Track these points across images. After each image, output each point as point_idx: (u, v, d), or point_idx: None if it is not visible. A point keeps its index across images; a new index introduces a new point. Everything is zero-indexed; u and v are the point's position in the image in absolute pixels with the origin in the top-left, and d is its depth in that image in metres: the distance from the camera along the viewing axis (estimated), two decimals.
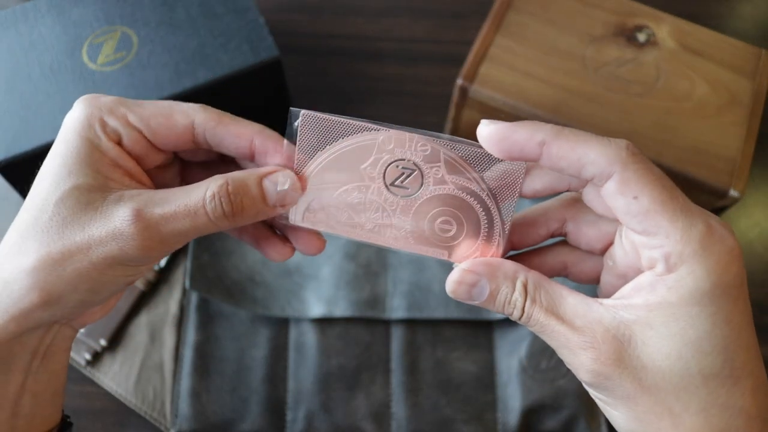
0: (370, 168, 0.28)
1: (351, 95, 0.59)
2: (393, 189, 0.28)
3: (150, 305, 0.48)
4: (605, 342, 0.24)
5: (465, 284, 0.26)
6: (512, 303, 0.26)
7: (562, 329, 0.25)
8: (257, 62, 0.47)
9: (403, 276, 0.48)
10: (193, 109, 0.28)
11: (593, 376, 0.24)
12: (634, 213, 0.24)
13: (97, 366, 0.46)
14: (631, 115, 0.47)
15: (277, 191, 0.27)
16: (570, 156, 0.24)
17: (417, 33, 0.62)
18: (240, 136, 0.28)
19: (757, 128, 0.47)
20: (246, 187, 0.27)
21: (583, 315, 0.25)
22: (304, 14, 0.63)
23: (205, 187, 0.26)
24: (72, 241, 0.25)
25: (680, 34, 0.50)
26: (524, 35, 0.50)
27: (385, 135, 0.27)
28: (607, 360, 0.24)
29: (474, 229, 0.28)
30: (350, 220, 0.29)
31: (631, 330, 0.24)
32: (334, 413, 0.45)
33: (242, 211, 0.27)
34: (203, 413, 0.44)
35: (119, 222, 0.25)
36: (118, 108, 0.28)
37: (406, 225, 0.28)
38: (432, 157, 0.27)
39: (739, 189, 0.45)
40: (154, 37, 0.48)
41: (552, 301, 0.25)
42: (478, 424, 0.45)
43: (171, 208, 0.26)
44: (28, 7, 0.49)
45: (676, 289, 0.23)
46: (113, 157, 0.27)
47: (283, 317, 0.47)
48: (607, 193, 0.24)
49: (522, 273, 0.26)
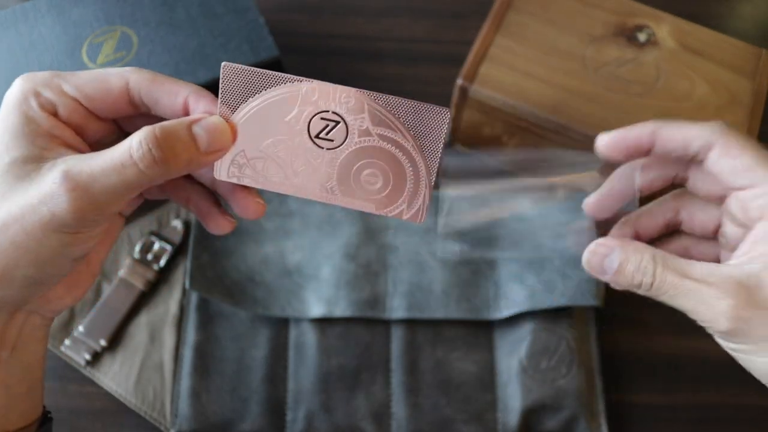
0: (294, 120, 0.27)
1: None
2: (318, 141, 0.28)
3: (150, 305, 0.48)
4: (740, 291, 0.26)
5: (599, 254, 0.29)
6: (641, 270, 0.28)
7: (697, 286, 0.27)
8: (257, 62, 0.47)
9: (403, 276, 0.48)
10: (127, 71, 0.28)
11: (733, 322, 0.26)
12: (738, 170, 0.28)
13: (97, 366, 0.46)
14: (631, 115, 0.47)
15: (207, 135, 0.27)
16: (677, 136, 0.29)
17: (417, 33, 0.62)
18: (173, 93, 0.28)
19: (757, 128, 0.47)
20: (175, 132, 0.26)
21: (712, 273, 0.27)
22: (304, 14, 0.63)
23: (131, 137, 0.26)
24: (8, 212, 0.25)
25: (680, 34, 0.50)
26: (524, 35, 0.50)
27: (308, 86, 0.27)
28: (745, 305, 0.26)
29: (400, 179, 0.28)
30: (277, 174, 0.28)
31: (759, 277, 0.26)
32: (334, 413, 0.45)
33: (174, 156, 0.26)
34: (203, 413, 0.44)
35: (49, 185, 0.25)
36: (53, 80, 0.27)
37: (332, 178, 0.28)
38: (356, 108, 0.27)
39: None
40: (154, 37, 0.48)
41: (682, 266, 0.28)
42: (478, 424, 0.45)
43: (98, 163, 0.25)
44: (28, 7, 0.49)
45: None
46: (48, 128, 0.27)
47: (283, 317, 0.47)
48: (713, 161, 0.28)
49: (649, 248, 0.29)
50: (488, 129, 0.51)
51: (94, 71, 0.28)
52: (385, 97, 0.27)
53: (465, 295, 0.47)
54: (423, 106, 0.27)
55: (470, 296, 0.47)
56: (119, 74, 0.28)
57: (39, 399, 0.30)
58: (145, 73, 0.28)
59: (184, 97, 0.28)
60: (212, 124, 0.27)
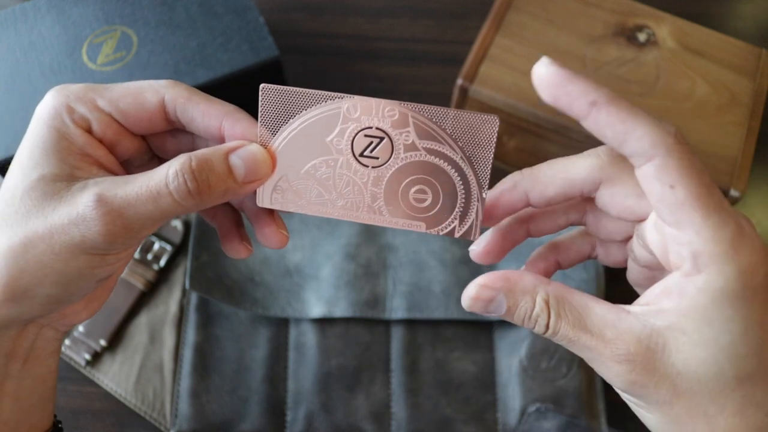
0: (336, 139, 0.26)
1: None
2: (362, 159, 0.26)
3: (150, 305, 0.48)
4: (638, 353, 0.23)
5: (481, 300, 0.26)
6: (533, 318, 0.25)
7: (592, 343, 0.24)
8: (257, 62, 0.47)
9: (403, 276, 0.48)
10: (162, 85, 0.27)
11: (628, 385, 0.24)
12: (668, 202, 0.23)
13: (97, 366, 0.46)
14: None
15: (245, 166, 0.26)
16: (617, 126, 0.23)
17: (417, 33, 0.62)
18: (208, 115, 0.27)
19: (757, 128, 0.47)
20: (210, 162, 0.25)
21: (613, 325, 0.24)
22: (304, 14, 0.63)
23: (168, 165, 0.25)
24: (34, 230, 0.24)
25: (680, 34, 0.50)
26: (524, 35, 0.50)
27: (349, 102, 0.26)
28: (642, 370, 0.23)
29: (450, 195, 0.27)
30: (320, 197, 0.27)
31: (664, 337, 0.23)
32: (334, 413, 0.45)
33: (209, 188, 0.25)
34: (203, 413, 0.44)
35: (81, 207, 0.24)
36: (87, 94, 0.27)
37: (379, 198, 0.27)
38: (400, 122, 0.26)
39: (739, 189, 0.45)
40: (154, 37, 0.48)
41: (578, 315, 0.24)
42: (478, 424, 0.45)
43: (133, 190, 0.25)
44: (28, 7, 0.49)
45: (706, 291, 0.23)
46: (81, 145, 0.26)
47: (283, 317, 0.47)
48: (644, 176, 0.23)
49: (542, 287, 0.25)
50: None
51: (128, 85, 0.27)
52: (430, 108, 0.26)
53: None
54: (471, 115, 0.25)
55: None
56: (154, 89, 0.27)
57: (50, 410, 0.30)
58: (181, 89, 0.27)
59: (218, 120, 0.27)
60: (251, 154, 0.26)
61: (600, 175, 0.26)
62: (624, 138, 0.23)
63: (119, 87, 0.27)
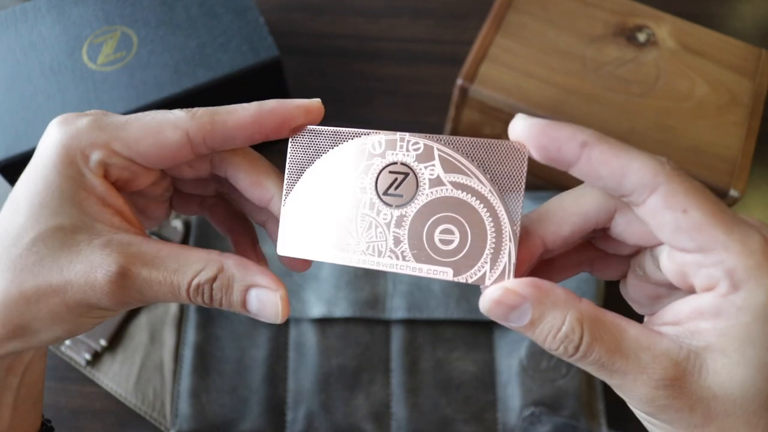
0: (360, 178, 0.25)
1: (351, 95, 0.59)
2: (386, 198, 0.25)
3: (150, 305, 0.48)
4: (677, 377, 0.22)
5: (504, 305, 0.23)
6: (559, 338, 0.23)
7: (628, 368, 0.22)
8: (257, 62, 0.47)
9: (403, 276, 0.48)
10: (181, 119, 0.25)
11: (660, 411, 0.22)
12: (685, 228, 0.22)
13: (97, 366, 0.46)
14: (631, 115, 0.47)
15: (258, 308, 0.26)
16: (612, 162, 0.22)
17: (417, 33, 0.62)
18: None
19: (757, 128, 0.47)
20: (231, 288, 0.25)
21: (649, 348, 0.22)
22: (304, 14, 0.63)
23: (196, 271, 0.25)
24: (48, 281, 0.24)
25: (680, 34, 0.50)
26: (524, 35, 0.50)
27: (374, 138, 0.25)
28: (679, 395, 0.22)
29: (479, 234, 0.24)
30: (341, 241, 0.26)
31: (701, 359, 0.22)
32: (334, 413, 0.45)
33: (219, 305, 0.26)
34: (203, 413, 0.44)
35: (101, 274, 0.23)
36: (100, 136, 0.25)
37: (403, 240, 0.25)
38: (425, 156, 0.25)
39: (739, 189, 0.45)
40: (154, 37, 0.48)
41: (614, 337, 0.23)
42: (478, 424, 0.45)
43: (158, 276, 0.24)
44: (28, 7, 0.49)
45: (748, 309, 0.22)
46: (100, 195, 0.25)
47: None
48: (652, 209, 0.22)
49: (574, 305, 0.23)
50: (488, 129, 0.51)
51: (144, 121, 0.25)
52: (455, 139, 0.24)
53: (465, 295, 0.47)
54: (497, 143, 0.24)
55: (470, 296, 0.47)
56: (173, 125, 0.25)
57: (40, 411, 0.31)
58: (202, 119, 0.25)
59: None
60: (269, 303, 0.26)
61: (614, 203, 0.25)
62: (622, 173, 0.22)
63: (135, 124, 0.25)
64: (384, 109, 0.58)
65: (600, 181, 0.23)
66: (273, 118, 0.26)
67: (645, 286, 0.27)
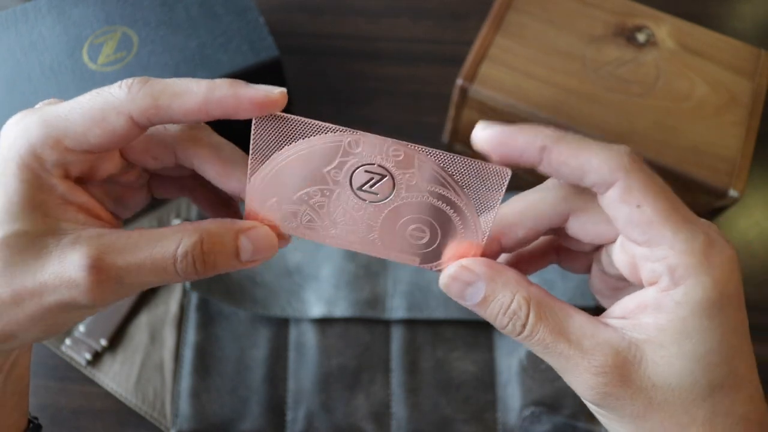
0: (335, 171, 0.25)
1: (351, 95, 0.59)
2: (360, 194, 0.26)
3: (150, 305, 0.48)
4: (616, 365, 0.23)
5: (460, 281, 0.25)
6: (508, 315, 0.24)
7: (570, 351, 0.24)
8: (257, 62, 0.47)
9: (403, 276, 0.48)
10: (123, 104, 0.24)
11: (603, 398, 0.24)
12: (636, 222, 0.23)
13: (98, 366, 0.46)
14: (631, 115, 0.47)
15: (253, 249, 0.26)
16: (572, 162, 0.23)
17: (417, 33, 0.62)
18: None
19: (756, 128, 0.47)
20: (222, 244, 0.25)
21: (591, 336, 0.24)
22: (304, 14, 0.63)
23: (176, 242, 0.24)
24: (22, 285, 0.23)
25: (680, 34, 0.50)
26: (524, 35, 0.50)
27: (351, 137, 0.25)
28: (618, 383, 0.23)
29: (449, 237, 0.26)
30: (311, 223, 0.26)
31: (641, 351, 0.23)
32: (334, 413, 0.45)
33: (214, 268, 0.25)
34: (203, 413, 0.44)
35: (74, 270, 0.23)
36: (49, 134, 0.24)
37: (374, 230, 0.26)
38: (405, 163, 0.25)
39: (738, 189, 0.45)
40: (154, 38, 0.48)
41: (559, 320, 0.24)
42: (478, 424, 0.45)
43: (134, 259, 0.23)
44: (29, 7, 0.49)
45: (685, 304, 0.23)
46: (62, 194, 0.25)
47: (283, 317, 0.48)
48: (609, 202, 0.23)
49: (524, 285, 0.25)
50: None
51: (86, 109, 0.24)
52: (438, 153, 0.24)
53: None
54: (481, 165, 0.24)
55: None
56: (115, 110, 0.24)
57: (26, 407, 0.30)
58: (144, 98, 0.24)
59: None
60: (262, 238, 0.26)
61: (566, 207, 0.26)
62: (581, 171, 0.23)
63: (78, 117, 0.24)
64: (384, 109, 0.58)
65: (564, 179, 0.24)
66: (221, 107, 0.24)
67: (606, 278, 0.28)
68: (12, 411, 0.29)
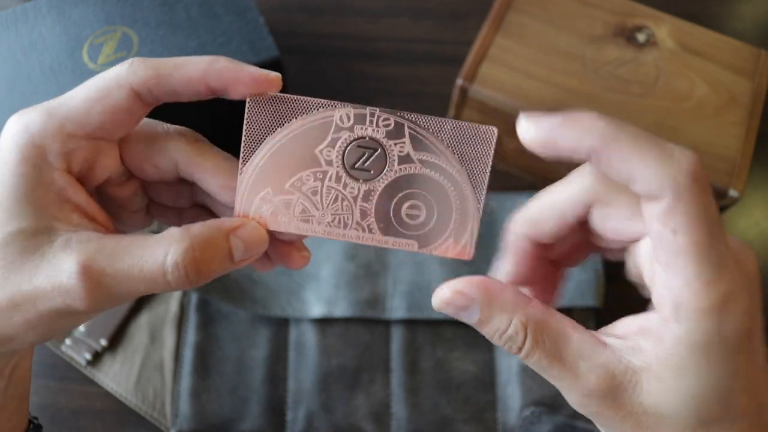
0: (327, 150, 0.25)
1: (351, 95, 0.59)
2: (353, 173, 0.25)
3: (150, 305, 0.48)
4: (610, 390, 0.23)
5: (453, 306, 0.24)
6: (504, 339, 0.24)
7: (564, 375, 0.23)
8: (257, 62, 0.47)
9: (403, 276, 0.48)
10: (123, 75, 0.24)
11: (593, 417, 0.24)
12: (665, 245, 0.21)
13: (98, 366, 0.46)
14: (631, 115, 0.47)
15: (245, 248, 0.25)
16: (622, 168, 0.21)
17: (417, 33, 0.62)
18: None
19: (756, 128, 0.47)
20: (215, 248, 0.24)
21: (588, 358, 0.23)
22: (304, 14, 0.63)
23: (165, 250, 0.23)
24: (18, 289, 0.23)
25: (680, 34, 0.50)
26: (524, 35, 0.50)
27: (342, 111, 0.25)
28: (611, 404, 0.23)
29: (445, 211, 0.25)
30: (306, 213, 0.26)
31: (637, 377, 0.23)
32: (334, 413, 0.45)
33: (208, 275, 0.24)
34: (203, 413, 0.44)
35: (65, 277, 0.23)
36: (49, 123, 0.24)
37: (370, 214, 0.26)
38: (395, 133, 0.25)
39: (738, 189, 0.45)
40: (154, 38, 0.48)
41: (555, 344, 0.23)
42: (478, 424, 0.45)
43: (124, 267, 0.23)
44: (29, 7, 0.49)
45: (686, 343, 0.22)
46: (59, 190, 0.24)
47: (283, 317, 0.48)
48: (648, 213, 0.22)
49: (521, 309, 0.24)
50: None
51: (86, 89, 0.24)
52: (426, 118, 0.24)
53: None
54: (468, 126, 0.24)
55: None
56: (117, 83, 0.24)
57: (26, 409, 0.30)
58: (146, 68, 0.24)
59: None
60: (252, 237, 0.25)
61: (589, 197, 0.25)
62: (629, 179, 0.21)
63: (79, 98, 0.24)
64: None
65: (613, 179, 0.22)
66: (221, 80, 0.25)
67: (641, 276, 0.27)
68: (12, 414, 0.29)
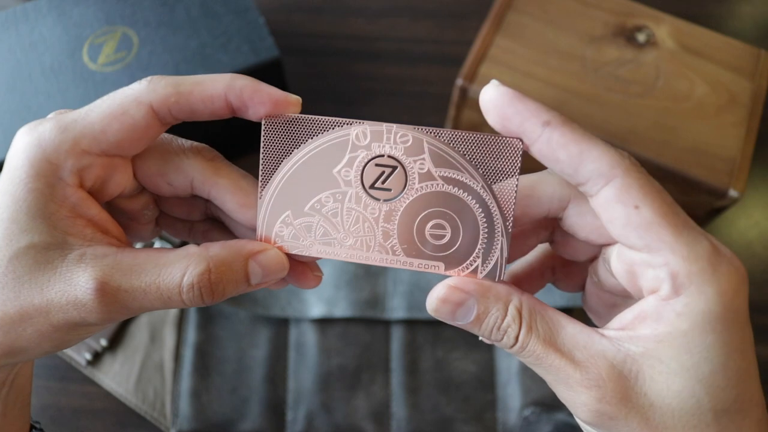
0: (345, 170, 0.24)
1: (351, 96, 0.59)
2: (373, 192, 0.24)
3: None
4: (610, 379, 0.21)
5: (450, 303, 0.23)
6: (503, 329, 0.23)
7: (561, 363, 0.22)
8: (257, 62, 0.47)
9: (403, 276, 0.48)
10: (143, 93, 0.24)
11: (595, 416, 0.22)
12: (635, 224, 0.21)
13: (98, 366, 0.46)
14: (631, 115, 0.47)
15: (263, 273, 0.25)
16: (571, 147, 0.21)
17: (417, 33, 0.62)
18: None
19: (756, 128, 0.47)
20: (231, 272, 0.24)
21: (584, 347, 0.22)
22: (304, 14, 0.63)
23: (182, 270, 0.23)
24: (30, 302, 0.23)
25: (680, 34, 0.50)
26: (524, 35, 0.50)
27: (359, 129, 0.24)
28: (612, 399, 0.21)
29: (471, 229, 0.24)
30: (327, 236, 0.25)
31: (638, 365, 0.22)
32: (334, 413, 0.45)
33: (222, 296, 0.24)
34: (203, 413, 0.44)
35: (80, 292, 0.23)
36: (64, 140, 0.23)
37: (392, 235, 0.25)
38: (414, 149, 0.24)
39: (738, 189, 0.45)
40: (154, 38, 0.48)
41: (550, 330, 0.23)
42: (478, 424, 0.45)
43: (141, 285, 0.23)
44: (29, 7, 0.49)
45: (687, 315, 0.21)
46: (72, 205, 0.24)
47: (284, 317, 0.48)
48: (605, 201, 0.22)
49: (515, 296, 0.23)
50: (488, 129, 0.51)
51: (105, 106, 0.24)
52: (446, 132, 0.23)
53: None
54: (491, 138, 0.23)
55: None
56: (136, 101, 0.24)
57: (28, 414, 0.30)
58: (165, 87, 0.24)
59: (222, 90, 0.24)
60: (272, 263, 0.25)
61: (569, 192, 0.24)
62: (580, 159, 0.21)
63: (96, 115, 0.24)
64: (384, 109, 0.58)
65: (557, 165, 0.22)
66: (241, 98, 0.24)
67: (601, 294, 0.27)
68: (15, 420, 0.29)
